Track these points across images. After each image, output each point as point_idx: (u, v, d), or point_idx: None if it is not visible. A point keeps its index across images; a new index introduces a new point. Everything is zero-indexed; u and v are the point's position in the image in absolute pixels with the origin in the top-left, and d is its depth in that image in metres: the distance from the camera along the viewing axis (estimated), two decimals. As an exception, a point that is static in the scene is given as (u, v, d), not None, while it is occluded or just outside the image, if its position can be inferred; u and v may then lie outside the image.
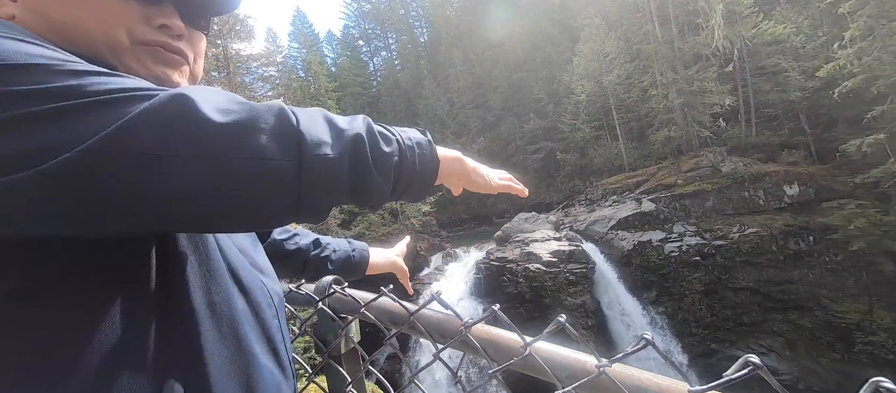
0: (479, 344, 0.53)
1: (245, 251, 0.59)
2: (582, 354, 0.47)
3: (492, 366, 0.54)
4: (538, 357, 0.48)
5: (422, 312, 0.61)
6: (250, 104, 0.41)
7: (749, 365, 0.37)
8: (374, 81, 47.89)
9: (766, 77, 18.93)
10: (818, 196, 14.89)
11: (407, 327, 0.61)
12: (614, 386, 0.42)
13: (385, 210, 23.20)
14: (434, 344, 0.60)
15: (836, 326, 12.93)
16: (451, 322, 0.58)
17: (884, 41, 12.17)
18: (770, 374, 0.36)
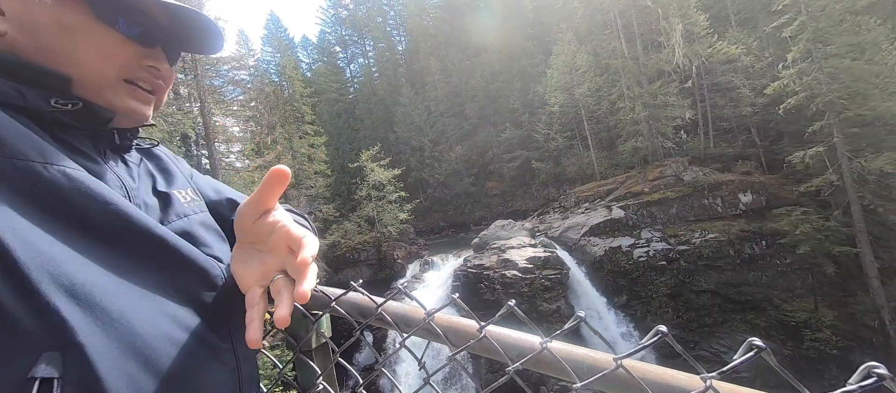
0: (441, 331, 0.58)
1: None
2: (529, 335, 0.53)
3: (452, 350, 0.59)
4: (492, 339, 0.54)
5: (388, 304, 0.65)
6: None
7: (754, 348, 0.39)
8: (350, 88, 47.41)
9: (721, 93, 20.42)
10: (769, 203, 16.10)
11: (375, 319, 0.64)
12: (553, 359, 0.48)
13: (361, 217, 22.83)
14: (400, 333, 0.64)
15: (787, 324, 13.92)
16: (415, 312, 0.62)
17: (820, 63, 13.48)
18: (772, 354, 0.39)
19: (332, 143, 36.34)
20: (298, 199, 19.26)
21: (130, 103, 0.55)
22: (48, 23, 0.48)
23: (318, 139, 22.90)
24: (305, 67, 49.14)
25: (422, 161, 34.75)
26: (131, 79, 0.55)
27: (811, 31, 13.58)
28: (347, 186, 32.43)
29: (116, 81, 0.53)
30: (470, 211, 32.73)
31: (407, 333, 0.61)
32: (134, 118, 0.57)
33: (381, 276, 21.44)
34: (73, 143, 0.51)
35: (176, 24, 0.58)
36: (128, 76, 0.54)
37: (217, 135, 13.43)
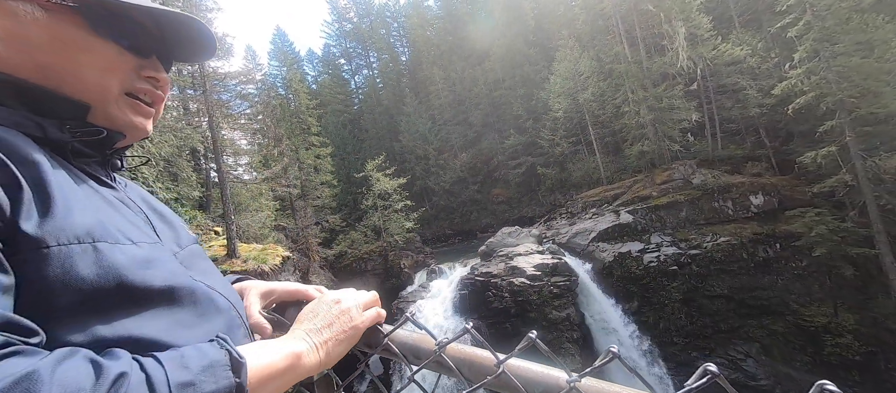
0: (453, 364, 0.52)
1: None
2: (554, 369, 0.47)
3: (467, 385, 0.53)
4: (511, 374, 0.48)
5: (396, 333, 0.60)
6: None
7: (708, 374, 0.39)
8: (355, 99, 47.96)
9: (727, 95, 20.21)
10: (781, 205, 15.76)
11: (381, 350, 0.59)
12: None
13: (367, 227, 22.85)
14: (408, 366, 0.59)
15: (806, 329, 13.49)
16: (425, 342, 0.57)
17: (828, 62, 13.29)
18: (726, 381, 0.39)
19: (338, 154, 36.67)
20: (305, 209, 19.36)
21: (134, 119, 0.55)
22: (44, 39, 0.47)
23: (324, 150, 23.10)
24: (311, 80, 49.90)
25: (427, 169, 34.81)
26: (132, 92, 0.54)
27: (817, 31, 13.41)
28: (353, 196, 32.55)
29: (119, 96, 0.53)
30: (476, 218, 32.59)
31: (417, 367, 0.56)
32: (136, 134, 0.56)
33: (388, 285, 21.34)
34: (91, 172, 0.52)
35: (165, 32, 0.57)
36: (129, 90, 0.54)
37: (225, 148, 13.60)
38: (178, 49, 0.60)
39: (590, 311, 15.24)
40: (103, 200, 0.50)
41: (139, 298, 0.45)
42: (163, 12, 0.54)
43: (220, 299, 0.56)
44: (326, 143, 24.38)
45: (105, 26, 0.50)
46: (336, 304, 0.64)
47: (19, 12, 0.46)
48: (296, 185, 19.95)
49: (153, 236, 0.52)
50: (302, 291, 0.77)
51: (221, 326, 0.54)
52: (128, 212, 0.52)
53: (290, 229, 19.16)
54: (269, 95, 19.68)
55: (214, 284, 0.58)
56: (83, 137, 0.49)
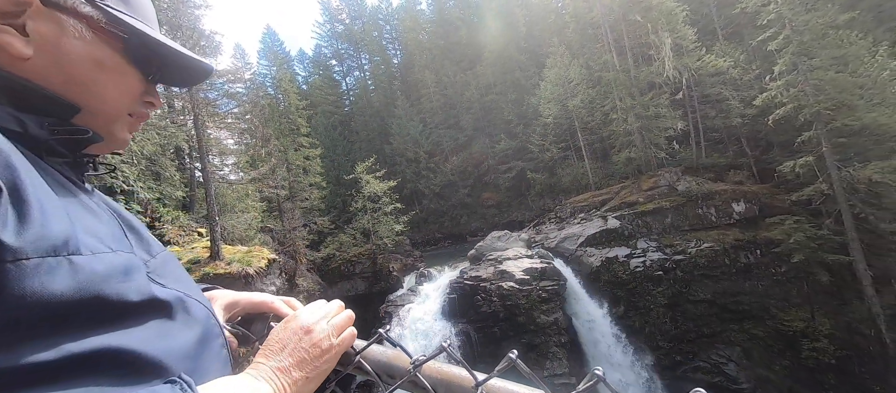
0: (429, 384, 0.50)
1: None
2: (536, 389, 0.46)
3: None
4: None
5: (369, 350, 0.57)
6: None
7: (594, 377, 0.42)
8: (346, 101, 47.63)
9: (711, 104, 20.78)
10: (762, 212, 16.23)
11: (353, 368, 0.57)
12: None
13: (356, 229, 22.61)
14: (382, 385, 0.56)
15: (785, 334, 13.87)
16: (399, 360, 0.55)
17: (805, 75, 13.80)
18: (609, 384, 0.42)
19: (328, 156, 36.29)
20: (292, 211, 19.06)
21: (126, 135, 0.58)
22: (82, 54, 0.49)
23: (314, 151, 22.82)
24: (301, 80, 49.38)
25: (417, 172, 34.74)
26: (137, 115, 0.58)
27: (796, 45, 13.93)
28: (343, 198, 32.23)
29: (125, 116, 0.56)
30: (466, 222, 32.62)
31: (390, 387, 0.53)
32: (119, 148, 0.59)
33: (377, 289, 21.14)
34: (66, 174, 0.50)
35: (171, 66, 0.60)
36: (134, 112, 0.58)
37: (210, 147, 13.30)
38: (173, 79, 0.63)
39: (578, 315, 15.37)
40: (80, 203, 0.48)
41: (117, 310, 0.42)
42: (182, 55, 0.57)
43: (197, 308, 0.54)
44: (316, 145, 24.10)
45: (138, 56, 0.54)
46: (306, 334, 0.58)
47: (67, 26, 0.48)
48: (284, 186, 19.63)
49: (127, 244, 0.50)
50: (268, 304, 0.72)
51: (199, 334, 0.52)
52: (104, 217, 0.50)
53: (277, 231, 18.82)
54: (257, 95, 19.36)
55: (190, 292, 0.56)
56: (63, 136, 0.49)
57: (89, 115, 0.51)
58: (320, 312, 0.63)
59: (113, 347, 0.40)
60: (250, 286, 8.12)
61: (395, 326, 16.57)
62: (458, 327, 15.48)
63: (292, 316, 0.63)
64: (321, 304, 0.66)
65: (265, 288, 8.66)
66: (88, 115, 0.51)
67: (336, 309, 0.66)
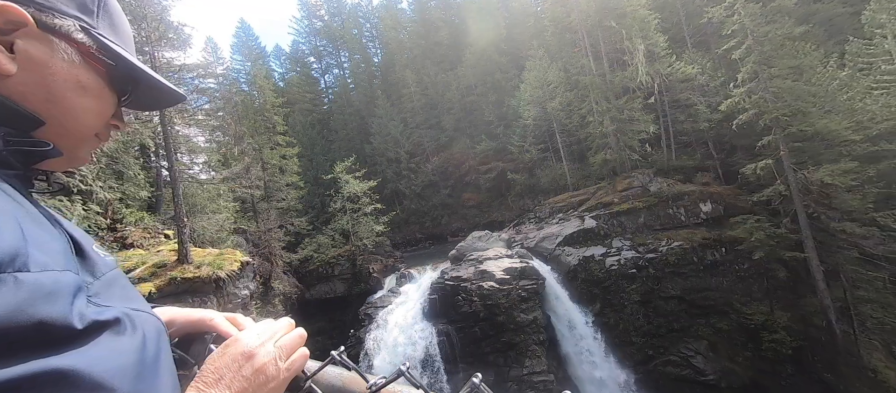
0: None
1: None
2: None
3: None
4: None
5: (322, 373, 0.53)
6: None
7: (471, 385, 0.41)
8: (325, 99, 46.63)
9: (680, 109, 21.76)
10: (726, 212, 17.13)
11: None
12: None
13: (335, 230, 22.17)
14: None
15: (747, 327, 14.69)
16: (355, 384, 0.52)
17: (765, 83, 14.69)
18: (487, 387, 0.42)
19: (306, 155, 35.37)
20: (268, 212, 18.45)
21: (88, 155, 0.58)
22: (68, 79, 0.49)
23: (291, 150, 22.18)
24: (278, 77, 47.92)
25: (398, 172, 34.46)
26: (99, 134, 0.57)
27: (757, 54, 14.81)
28: (321, 199, 31.50)
29: (93, 136, 0.56)
30: (447, 222, 32.64)
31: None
32: (78, 165, 0.58)
33: (357, 290, 20.80)
34: (15, 186, 0.48)
35: (143, 91, 0.59)
36: (100, 133, 0.57)
37: (179, 145, 12.65)
38: (143, 103, 0.63)
39: (556, 313, 15.69)
40: (28, 215, 0.44)
41: (60, 332, 0.38)
42: (157, 82, 0.58)
43: (147, 324, 0.50)
44: (293, 143, 23.44)
45: (118, 82, 0.55)
46: (248, 360, 0.52)
47: (58, 49, 0.49)
48: (259, 186, 18.97)
49: (74, 263, 0.46)
50: (207, 321, 0.65)
51: (149, 352, 0.48)
52: (53, 231, 0.47)
53: (252, 233, 18.16)
54: (230, 91, 18.62)
55: (140, 308, 0.52)
56: (20, 147, 0.48)
57: (59, 133, 0.51)
58: (266, 333, 0.57)
59: (54, 370, 0.36)
60: (221, 290, 7.78)
61: (375, 328, 16.36)
62: (439, 328, 15.46)
63: (233, 339, 0.56)
64: (268, 323, 0.60)
65: (238, 292, 8.32)
66: (58, 133, 0.51)
67: (284, 328, 0.60)
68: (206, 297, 7.67)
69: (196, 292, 7.45)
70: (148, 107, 0.64)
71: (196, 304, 7.58)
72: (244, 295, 8.45)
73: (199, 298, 7.59)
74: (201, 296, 7.56)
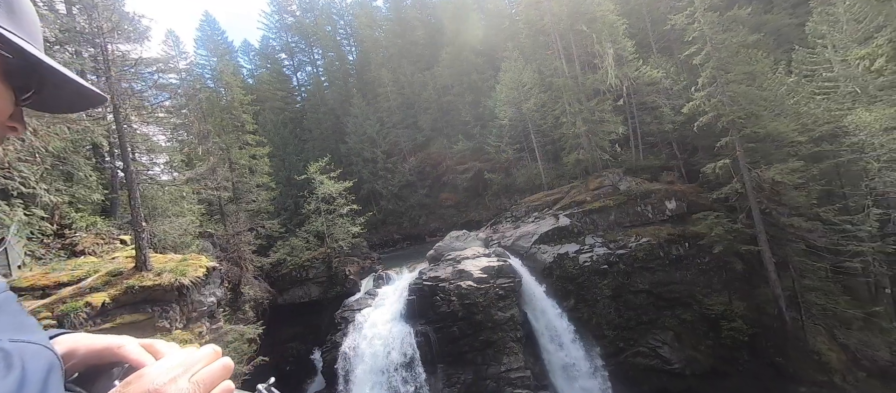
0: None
1: None
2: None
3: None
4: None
5: None
6: None
7: None
8: (298, 97, 45.21)
9: (647, 111, 22.80)
10: (689, 209, 18.11)
11: None
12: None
13: (309, 232, 21.54)
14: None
15: (708, 317, 15.60)
16: None
17: (723, 88, 15.66)
18: None
19: (278, 155, 34.15)
20: (237, 214, 17.64)
21: None
22: None
23: (261, 150, 21.31)
24: (247, 74, 45.97)
25: (375, 173, 33.98)
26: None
27: (715, 60, 15.75)
28: (294, 200, 30.51)
29: None
30: (425, 222, 32.53)
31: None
32: None
33: (332, 293, 20.32)
34: None
35: (52, 92, 0.54)
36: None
37: (137, 144, 11.83)
38: (50, 105, 0.57)
39: (532, 310, 16.00)
40: None
41: None
42: (67, 80, 0.52)
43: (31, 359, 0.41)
44: (264, 143, 22.55)
45: (15, 77, 0.49)
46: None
47: None
48: (226, 187, 18.09)
49: None
50: (113, 350, 0.54)
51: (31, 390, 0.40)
52: None
53: (219, 236, 17.31)
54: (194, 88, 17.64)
55: (32, 340, 0.43)
56: None
57: None
58: (179, 366, 0.48)
59: None
60: (185, 298, 7.35)
61: (352, 331, 16.03)
62: (417, 329, 15.37)
63: (136, 374, 0.47)
64: (185, 354, 0.51)
65: (204, 299, 7.89)
66: None
67: (204, 359, 0.51)
68: (169, 305, 7.22)
69: (156, 301, 6.99)
70: (59, 109, 0.58)
71: (157, 313, 7.11)
72: (210, 302, 8.02)
73: (160, 307, 7.13)
74: (162, 305, 7.11)
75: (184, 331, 7.48)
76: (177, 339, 6.78)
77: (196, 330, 7.63)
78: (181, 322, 7.38)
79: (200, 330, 7.55)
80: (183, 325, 7.34)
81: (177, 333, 6.94)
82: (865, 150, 14.33)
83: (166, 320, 6.98)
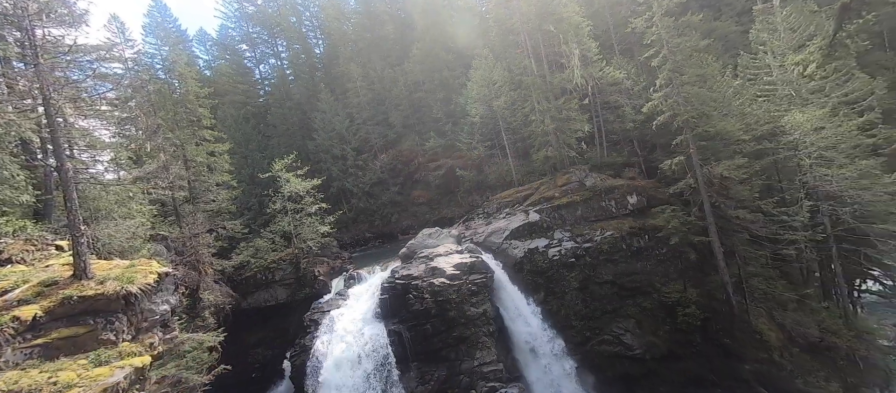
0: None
1: None
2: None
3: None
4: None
5: None
6: None
7: None
8: (261, 91, 42.99)
9: (610, 110, 23.83)
10: (649, 203, 19.19)
11: None
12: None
13: (275, 233, 20.62)
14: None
15: (665, 304, 16.64)
16: None
17: (678, 89, 16.66)
18: None
19: (239, 152, 32.38)
20: (194, 215, 16.52)
21: None
22: None
23: (221, 146, 20.05)
24: (203, 65, 43.06)
25: (345, 170, 33.11)
26: None
27: (671, 63, 16.71)
28: (258, 199, 29.10)
29: None
30: (397, 220, 32.18)
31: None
32: None
33: (301, 295, 19.62)
34: None
35: None
36: None
37: (75, 140, 10.69)
38: None
39: (504, 304, 16.31)
40: None
41: None
42: None
43: None
44: (223, 139, 21.23)
45: None
46: None
47: None
48: (182, 186, 16.86)
49: None
50: None
51: None
52: None
53: (174, 239, 16.13)
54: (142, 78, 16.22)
55: None
56: None
57: None
58: None
59: None
60: (133, 308, 6.75)
61: (322, 333, 15.57)
62: (391, 328, 15.20)
63: None
64: None
65: (155, 308, 7.29)
66: None
67: None
68: (114, 316, 6.59)
69: (99, 312, 6.36)
70: None
71: (101, 325, 6.48)
72: (163, 311, 7.42)
73: (104, 319, 6.50)
74: (107, 316, 6.48)
75: (133, 343, 6.88)
76: (124, 352, 6.24)
77: (147, 341, 7.05)
78: (129, 334, 6.78)
79: (152, 341, 6.98)
80: (131, 336, 6.75)
81: (124, 345, 6.37)
82: (799, 148, 15.84)
83: (111, 332, 6.38)
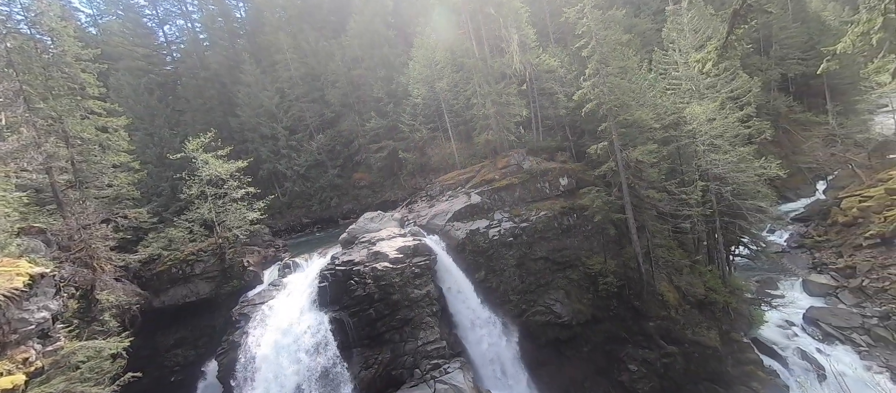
0: None
1: None
2: None
3: None
4: None
5: None
6: None
7: None
8: (168, 57, 36.99)
9: (546, 96, 25.13)
10: (578, 185, 20.87)
11: None
12: None
13: (192, 221, 18.32)
14: None
15: (589, 275, 18.52)
16: None
17: (603, 79, 18.09)
18: None
19: (143, 128, 27.82)
20: (82, 202, 13.86)
21: None
22: None
23: (116, 120, 16.84)
24: (87, 21, 35.51)
25: (276, 151, 30.42)
26: None
27: (599, 54, 18.02)
28: (170, 183, 25.49)
29: None
30: (337, 204, 30.76)
31: None
32: None
33: (227, 289, 17.89)
34: None
35: None
36: None
37: None
38: None
39: (446, 284, 16.71)
40: None
41: None
42: None
43: None
44: (119, 112, 17.88)
45: None
46: None
47: None
48: (64, 168, 13.92)
49: None
50: None
51: None
52: None
53: (57, 232, 13.40)
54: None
55: None
56: None
57: None
58: None
59: None
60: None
61: (255, 326, 14.47)
62: (331, 316, 14.68)
63: None
64: None
65: (29, 317, 5.98)
66: None
67: None
68: (-33, 332, 5.28)
69: (-58, 329, 5.04)
70: None
71: (-53, 344, 5.15)
72: (41, 319, 6.13)
73: (-49, 337, 5.17)
74: (-45, 332, 5.16)
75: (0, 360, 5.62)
76: (-15, 374, 5.06)
77: (19, 356, 5.82)
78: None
79: (26, 356, 5.77)
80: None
81: (-15, 366, 5.17)
82: (696, 136, 18.41)
83: (-36, 352, 5.12)
